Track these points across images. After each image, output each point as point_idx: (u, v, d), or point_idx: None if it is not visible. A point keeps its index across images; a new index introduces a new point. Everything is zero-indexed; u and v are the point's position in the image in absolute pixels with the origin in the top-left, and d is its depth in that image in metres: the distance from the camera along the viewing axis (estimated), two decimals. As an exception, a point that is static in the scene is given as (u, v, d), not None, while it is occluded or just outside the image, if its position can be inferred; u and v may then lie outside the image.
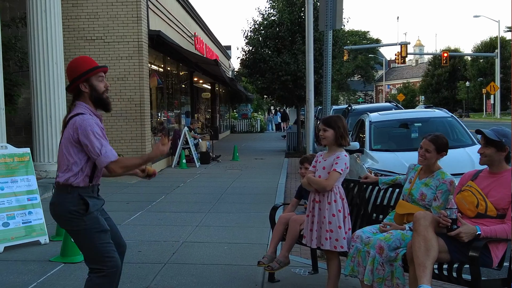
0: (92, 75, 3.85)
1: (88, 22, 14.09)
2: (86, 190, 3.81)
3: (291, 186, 12.24)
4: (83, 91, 3.87)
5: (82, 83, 3.85)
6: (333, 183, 4.54)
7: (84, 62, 3.93)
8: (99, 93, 3.88)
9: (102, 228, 3.81)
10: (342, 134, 4.66)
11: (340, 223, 4.54)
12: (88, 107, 3.86)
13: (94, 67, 3.90)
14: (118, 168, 3.72)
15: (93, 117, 3.79)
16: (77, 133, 3.70)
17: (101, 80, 3.91)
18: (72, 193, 3.77)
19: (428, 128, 9.55)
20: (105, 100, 3.93)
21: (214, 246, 6.85)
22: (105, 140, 3.73)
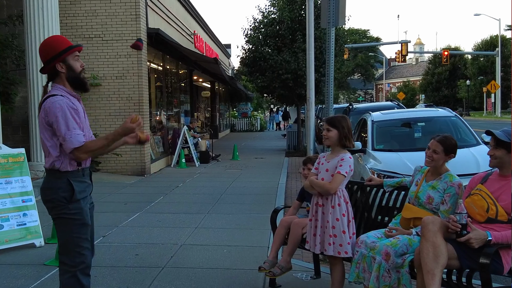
0: (68, 55, 3.74)
1: (86, 20, 13.89)
2: (76, 174, 3.72)
3: (292, 186, 12.07)
4: (59, 72, 3.75)
5: (58, 63, 3.73)
6: (337, 186, 4.36)
7: (58, 42, 3.80)
8: (76, 73, 3.77)
9: (84, 221, 3.73)
10: (347, 134, 4.49)
11: (344, 227, 4.37)
12: (64, 89, 3.75)
13: (70, 46, 3.77)
14: (82, 153, 3.62)
15: (67, 98, 3.66)
16: (47, 115, 3.61)
17: (77, 59, 3.80)
18: (61, 178, 3.69)
19: (432, 127, 9.39)
20: (82, 80, 3.81)
21: (213, 249, 6.68)
22: (75, 122, 3.60)
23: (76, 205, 3.70)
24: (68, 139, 3.58)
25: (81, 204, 3.72)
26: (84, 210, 3.75)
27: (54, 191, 3.70)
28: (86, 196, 3.81)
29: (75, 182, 3.70)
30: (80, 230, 3.72)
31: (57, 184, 3.70)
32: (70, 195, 3.67)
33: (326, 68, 8.29)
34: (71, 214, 3.68)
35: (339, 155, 4.47)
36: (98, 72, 13.82)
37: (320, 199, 4.47)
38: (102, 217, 8.61)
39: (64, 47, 3.73)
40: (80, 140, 3.59)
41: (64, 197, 3.67)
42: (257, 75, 19.59)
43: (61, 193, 3.68)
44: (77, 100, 3.80)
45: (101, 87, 13.89)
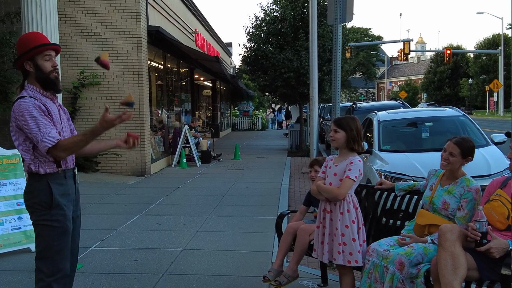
0: (37, 54, 3.52)
1: (85, 17, 13.65)
2: (56, 176, 3.52)
3: (295, 188, 11.82)
4: (28, 71, 3.55)
5: (26, 61, 3.53)
6: (346, 191, 4.11)
7: (31, 39, 3.57)
8: (44, 73, 3.53)
9: (65, 228, 3.54)
10: (355, 137, 4.24)
11: (354, 235, 4.12)
12: (35, 89, 3.54)
13: (40, 44, 3.54)
14: (59, 152, 3.42)
15: (36, 99, 3.45)
16: (16, 119, 3.42)
17: (48, 59, 3.56)
18: (40, 181, 3.49)
19: (440, 127, 9.16)
20: (52, 81, 3.57)
21: (215, 254, 6.43)
22: (46, 121, 3.40)
23: (57, 211, 3.50)
24: (40, 140, 3.38)
25: (64, 210, 3.53)
26: (67, 216, 3.55)
27: (33, 195, 3.51)
28: (70, 200, 3.61)
29: (55, 185, 3.50)
30: (61, 237, 3.52)
31: (37, 187, 3.50)
32: (50, 199, 3.47)
33: (333, 67, 8.02)
34: (52, 221, 3.49)
35: (348, 158, 4.23)
36: (97, 71, 13.57)
37: (328, 205, 4.22)
38: (101, 219, 8.38)
39: (33, 45, 3.51)
40: (53, 138, 3.38)
41: (45, 201, 3.48)
42: (259, 74, 19.31)
43: (41, 197, 3.48)
44: (50, 100, 3.59)
45: (101, 86, 13.65)
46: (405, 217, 4.67)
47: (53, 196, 3.48)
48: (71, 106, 13.41)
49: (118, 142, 3.70)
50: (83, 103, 13.61)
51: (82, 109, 13.63)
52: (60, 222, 3.51)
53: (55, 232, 3.50)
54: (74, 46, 13.57)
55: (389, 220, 4.84)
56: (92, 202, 9.76)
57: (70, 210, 3.62)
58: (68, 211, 3.59)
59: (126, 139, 3.70)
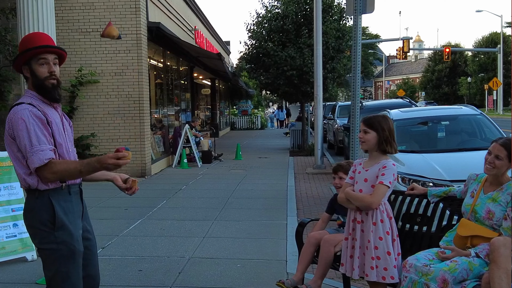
0: (31, 57, 3.11)
1: (83, 13, 13.19)
2: (59, 192, 3.07)
3: (301, 189, 11.39)
4: (26, 76, 3.16)
5: (23, 66, 3.13)
6: (380, 199, 3.69)
7: (30, 40, 3.14)
8: (39, 79, 3.12)
9: (74, 250, 3.08)
10: (388, 137, 3.83)
11: (389, 248, 3.70)
12: (35, 94, 3.14)
13: (35, 46, 3.10)
14: (48, 174, 2.97)
15: (34, 107, 3.04)
16: (10, 127, 3.03)
17: (43, 63, 3.14)
18: (41, 198, 3.04)
19: (456, 126, 8.74)
20: (47, 88, 3.14)
21: (225, 263, 6.00)
22: (41, 136, 2.99)
23: (62, 232, 3.05)
24: (30, 157, 2.96)
25: (69, 229, 3.08)
26: (74, 236, 3.10)
27: (34, 214, 3.06)
28: (76, 218, 3.16)
29: (58, 202, 3.06)
30: (69, 261, 3.07)
31: (37, 205, 3.05)
32: (53, 218, 3.03)
33: (352, 62, 7.60)
34: (57, 243, 3.04)
35: (380, 161, 3.81)
36: (96, 68, 13.14)
37: (359, 214, 3.79)
38: (101, 224, 7.94)
39: (30, 46, 3.09)
40: (43, 157, 2.95)
41: (49, 221, 3.03)
42: (260, 72, 18.88)
43: (42, 215, 3.03)
44: (52, 108, 3.17)
45: (99, 84, 13.21)
46: (415, 217, 4.27)
47: (56, 214, 3.04)
48: (69, 105, 12.97)
49: (116, 178, 3.27)
50: (81, 102, 13.16)
51: (81, 108, 13.18)
52: (66, 243, 3.06)
53: (61, 256, 3.06)
54: (72, 43, 13.12)
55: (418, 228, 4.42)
56: (91, 206, 9.32)
57: (78, 229, 3.17)
58: (75, 230, 3.14)
59: (126, 180, 3.28)
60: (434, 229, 4.29)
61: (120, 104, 13.21)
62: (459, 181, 6.80)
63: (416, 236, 4.36)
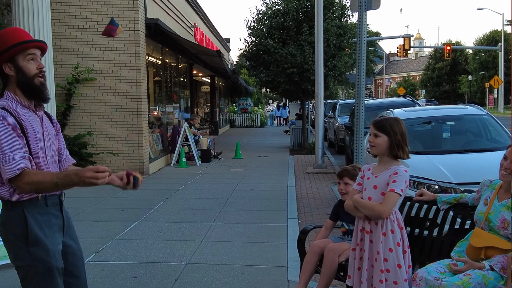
0: (17, 53, 2.85)
1: (80, 9, 12.94)
2: (35, 204, 2.81)
3: (302, 189, 11.16)
4: (7, 75, 2.86)
5: (5, 63, 2.85)
6: (391, 208, 3.45)
7: (9, 35, 2.87)
8: (27, 77, 2.86)
9: (50, 269, 2.82)
10: (400, 142, 3.58)
11: (399, 260, 3.46)
12: (13, 97, 2.86)
13: (21, 41, 2.85)
14: (22, 184, 2.71)
15: (8, 112, 2.77)
16: None
17: (32, 59, 2.89)
18: (14, 210, 2.78)
19: (462, 126, 8.50)
20: (36, 87, 2.89)
21: (224, 269, 5.77)
22: (15, 143, 2.73)
23: (37, 248, 2.79)
24: (1, 168, 2.70)
25: (45, 244, 2.82)
26: (50, 251, 2.84)
27: (7, 227, 2.82)
28: (54, 232, 2.90)
29: (32, 215, 2.80)
30: (46, 280, 2.82)
31: (10, 219, 2.81)
32: (27, 232, 2.78)
33: (357, 59, 7.34)
34: (32, 260, 2.79)
35: (391, 167, 3.56)
36: (93, 66, 12.89)
37: (368, 224, 3.55)
38: (96, 226, 7.72)
39: (12, 43, 2.82)
40: (15, 167, 2.70)
41: (22, 235, 2.78)
42: (261, 69, 18.63)
43: (15, 229, 2.79)
44: (32, 111, 2.91)
45: (96, 82, 12.96)
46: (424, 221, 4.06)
47: (30, 228, 2.79)
48: (65, 103, 12.73)
49: (113, 178, 2.94)
50: (77, 100, 12.92)
51: (77, 106, 12.94)
52: (42, 260, 2.81)
53: (37, 274, 2.81)
54: (68, 40, 12.88)
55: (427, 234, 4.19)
56: (87, 207, 9.09)
57: (56, 244, 2.90)
58: (52, 245, 2.87)
59: (123, 176, 2.96)
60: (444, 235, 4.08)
61: (117, 102, 12.97)
62: (465, 184, 6.58)
63: (426, 243, 4.14)
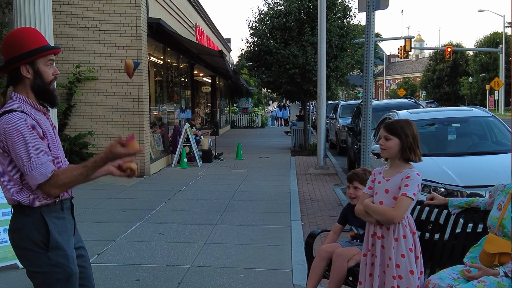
0: (40, 57, 2.79)
1: (81, 8, 12.85)
2: (52, 209, 2.75)
3: (304, 191, 11.07)
4: (23, 77, 2.78)
5: (24, 65, 2.77)
6: (404, 212, 3.36)
7: (30, 38, 2.79)
8: (45, 82, 2.81)
9: (70, 274, 2.76)
10: (411, 144, 3.49)
11: (411, 266, 3.37)
12: (25, 100, 2.79)
13: (45, 46, 2.79)
14: (53, 189, 2.66)
15: (28, 114, 2.71)
16: (3, 139, 2.66)
17: (50, 64, 2.84)
18: (32, 216, 2.71)
19: (467, 129, 8.42)
20: (51, 92, 2.85)
21: (228, 272, 5.68)
22: (39, 147, 2.66)
23: (56, 253, 2.72)
24: (29, 173, 2.62)
25: (65, 250, 2.76)
26: (69, 257, 2.78)
27: (24, 234, 2.72)
28: (69, 237, 2.85)
29: (51, 220, 2.74)
30: (65, 286, 2.75)
31: (27, 224, 2.71)
32: (47, 238, 2.71)
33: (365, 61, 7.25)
34: (52, 266, 2.71)
35: (403, 171, 3.47)
36: (94, 65, 12.80)
37: (379, 229, 3.46)
38: (98, 228, 7.63)
39: (36, 46, 2.76)
40: (45, 171, 2.63)
41: (41, 241, 2.70)
42: (262, 70, 18.54)
43: (34, 235, 2.70)
44: (43, 114, 2.85)
45: (98, 81, 12.87)
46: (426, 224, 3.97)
47: (51, 234, 2.72)
48: (66, 102, 12.64)
49: (111, 169, 2.83)
50: (78, 99, 12.83)
51: (78, 105, 12.86)
52: (62, 266, 2.75)
53: (57, 280, 2.74)
54: (70, 39, 12.79)
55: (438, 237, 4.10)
56: (88, 207, 9.00)
57: (72, 249, 2.85)
58: (70, 250, 2.82)
59: (120, 164, 2.84)
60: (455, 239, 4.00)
61: (118, 102, 12.88)
62: (472, 187, 6.50)
63: (437, 248, 4.05)
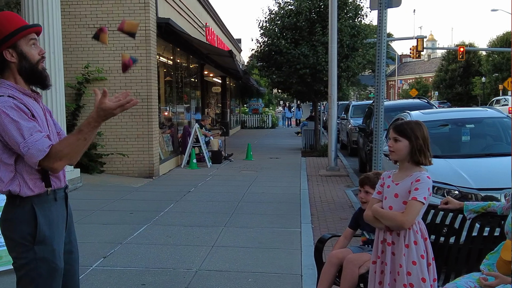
0: (19, 38, 2.73)
1: (90, 8, 12.80)
2: (44, 199, 2.69)
3: (315, 192, 10.92)
4: (8, 62, 2.73)
5: (6, 50, 2.71)
6: (414, 218, 3.21)
7: (7, 21, 2.73)
8: (32, 63, 2.76)
9: (54, 269, 2.71)
10: (421, 147, 3.34)
11: (423, 273, 3.22)
12: (14, 86, 2.73)
13: (23, 26, 2.73)
14: (56, 162, 2.59)
15: (16, 99, 2.65)
16: None
17: (34, 44, 2.79)
18: (22, 206, 2.65)
19: (481, 130, 8.25)
20: (41, 73, 2.80)
21: (236, 277, 5.55)
22: (31, 124, 2.60)
23: (43, 246, 2.67)
24: (27, 152, 2.56)
25: (52, 245, 2.70)
26: (56, 252, 2.72)
27: (13, 225, 2.67)
28: (60, 231, 2.78)
29: (41, 211, 2.67)
30: (48, 282, 2.70)
31: (17, 215, 2.67)
32: (35, 231, 2.65)
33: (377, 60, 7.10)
34: (36, 260, 2.66)
35: (412, 174, 3.33)
36: (103, 65, 12.74)
37: (389, 235, 3.32)
38: (105, 230, 7.54)
39: (14, 28, 2.69)
40: (41, 146, 2.57)
41: (29, 234, 2.65)
42: (273, 70, 18.40)
43: (22, 227, 2.65)
44: (34, 100, 2.79)
45: (107, 82, 12.80)
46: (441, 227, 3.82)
47: (39, 227, 2.66)
48: (75, 102, 12.60)
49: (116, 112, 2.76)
50: (87, 100, 12.78)
51: (87, 106, 12.80)
52: (46, 261, 2.69)
53: (39, 275, 2.68)
54: (79, 39, 12.74)
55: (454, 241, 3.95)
56: (95, 209, 8.91)
57: (60, 244, 2.79)
58: (58, 245, 2.76)
59: None
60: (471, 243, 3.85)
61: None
62: (486, 189, 6.34)
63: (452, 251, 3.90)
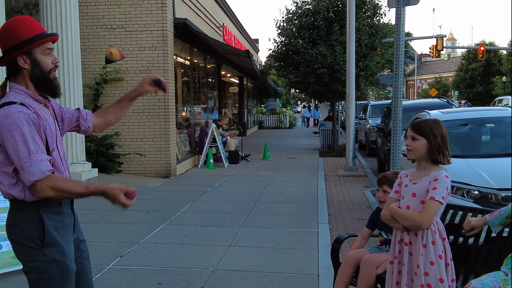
0: (36, 46, 2.69)
1: (108, 9, 12.87)
2: (49, 204, 2.66)
3: (332, 193, 10.85)
4: (21, 68, 2.69)
5: (20, 56, 2.68)
6: (432, 217, 3.14)
7: (25, 26, 2.69)
8: (44, 72, 2.72)
9: (66, 271, 2.67)
10: (440, 145, 3.26)
11: (441, 274, 3.15)
12: (25, 91, 2.70)
13: (40, 34, 2.68)
14: (46, 188, 2.56)
15: (28, 107, 2.62)
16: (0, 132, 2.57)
17: (49, 53, 2.75)
18: (27, 211, 2.63)
19: (502, 129, 8.08)
20: (52, 82, 2.76)
21: (252, 277, 5.52)
22: (38, 144, 2.58)
23: (52, 249, 2.64)
24: (27, 168, 2.53)
25: (61, 246, 2.67)
26: (66, 253, 2.69)
27: (19, 229, 2.65)
28: (68, 232, 2.76)
29: (47, 215, 2.65)
30: (60, 283, 2.67)
31: (23, 219, 2.64)
32: (42, 234, 2.63)
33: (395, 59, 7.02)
34: (47, 262, 2.63)
35: (430, 173, 3.25)
36: (121, 66, 12.79)
37: (407, 235, 3.25)
38: (121, 229, 7.57)
39: (31, 35, 2.66)
40: (45, 169, 2.55)
41: (37, 237, 2.62)
42: (290, 70, 18.33)
43: (29, 231, 2.62)
44: (43, 106, 2.76)
45: (124, 82, 12.86)
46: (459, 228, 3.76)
47: (46, 229, 2.63)
48: (93, 103, 12.67)
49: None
50: (105, 100, 12.85)
51: (105, 106, 12.78)
52: (57, 262, 2.66)
53: (52, 277, 2.65)
54: (97, 40, 12.81)
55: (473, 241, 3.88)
56: (113, 209, 8.92)
57: (70, 245, 2.76)
58: (67, 246, 2.73)
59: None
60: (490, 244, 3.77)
61: (145, 103, 12.84)
62: (506, 189, 6.23)
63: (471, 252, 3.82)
